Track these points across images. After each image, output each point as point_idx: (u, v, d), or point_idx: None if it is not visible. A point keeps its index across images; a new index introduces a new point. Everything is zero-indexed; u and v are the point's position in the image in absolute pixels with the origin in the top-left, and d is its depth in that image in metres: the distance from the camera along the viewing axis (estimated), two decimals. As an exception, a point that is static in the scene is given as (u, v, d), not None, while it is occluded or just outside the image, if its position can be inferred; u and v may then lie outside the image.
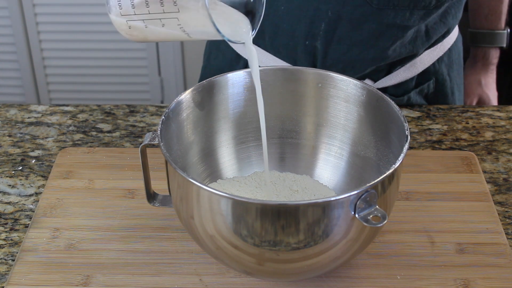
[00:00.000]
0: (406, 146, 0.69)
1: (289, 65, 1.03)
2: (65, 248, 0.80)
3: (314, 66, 1.02)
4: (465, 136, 1.00)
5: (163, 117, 0.74)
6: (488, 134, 1.00)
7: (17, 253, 0.80)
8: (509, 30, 1.21)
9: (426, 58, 1.06)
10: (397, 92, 1.07)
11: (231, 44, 1.06)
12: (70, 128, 1.02)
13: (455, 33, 1.09)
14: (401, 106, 1.06)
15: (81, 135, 1.00)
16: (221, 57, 1.12)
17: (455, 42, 1.10)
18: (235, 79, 0.81)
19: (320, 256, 0.69)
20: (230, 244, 0.68)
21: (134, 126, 1.02)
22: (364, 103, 0.79)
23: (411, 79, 1.07)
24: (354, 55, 0.99)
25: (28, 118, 1.04)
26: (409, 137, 0.71)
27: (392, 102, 0.75)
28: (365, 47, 0.99)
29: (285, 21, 0.99)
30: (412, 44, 1.01)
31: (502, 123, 1.03)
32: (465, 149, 0.97)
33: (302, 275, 0.74)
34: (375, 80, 1.04)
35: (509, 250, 0.79)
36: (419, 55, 1.04)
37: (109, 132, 1.01)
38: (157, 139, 0.71)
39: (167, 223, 0.83)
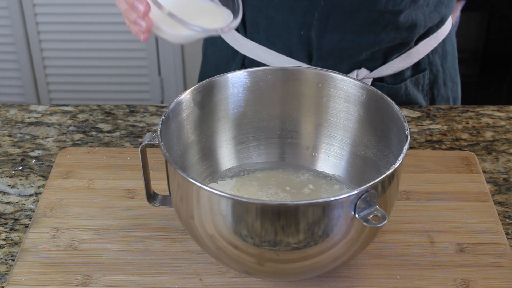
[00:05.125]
0: (406, 146, 0.69)
1: (285, 57, 1.03)
2: (65, 248, 0.80)
3: (310, 56, 1.02)
4: (465, 136, 1.00)
5: (163, 117, 0.74)
6: (488, 134, 1.00)
7: (17, 253, 0.80)
8: None
9: (421, 49, 1.07)
10: (394, 81, 1.07)
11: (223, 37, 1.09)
12: (70, 128, 1.02)
13: (448, 24, 1.10)
14: (400, 104, 1.06)
15: (81, 135, 1.00)
16: (217, 53, 1.12)
17: (449, 33, 1.11)
18: (235, 79, 0.81)
19: (320, 256, 0.68)
20: (230, 244, 0.68)
21: (134, 126, 1.02)
22: (364, 103, 0.79)
23: (407, 69, 1.07)
24: (349, 42, 1.00)
25: (28, 118, 1.04)
26: (409, 137, 0.71)
27: (392, 102, 0.75)
28: (359, 34, 1.00)
29: (279, 12, 1.00)
30: (407, 31, 1.02)
31: (502, 123, 1.03)
32: (465, 149, 0.97)
33: (302, 275, 0.74)
34: (371, 70, 1.04)
35: (509, 250, 0.79)
36: (414, 46, 1.05)
37: (109, 132, 1.01)
38: (157, 139, 0.71)
39: (167, 223, 0.82)
